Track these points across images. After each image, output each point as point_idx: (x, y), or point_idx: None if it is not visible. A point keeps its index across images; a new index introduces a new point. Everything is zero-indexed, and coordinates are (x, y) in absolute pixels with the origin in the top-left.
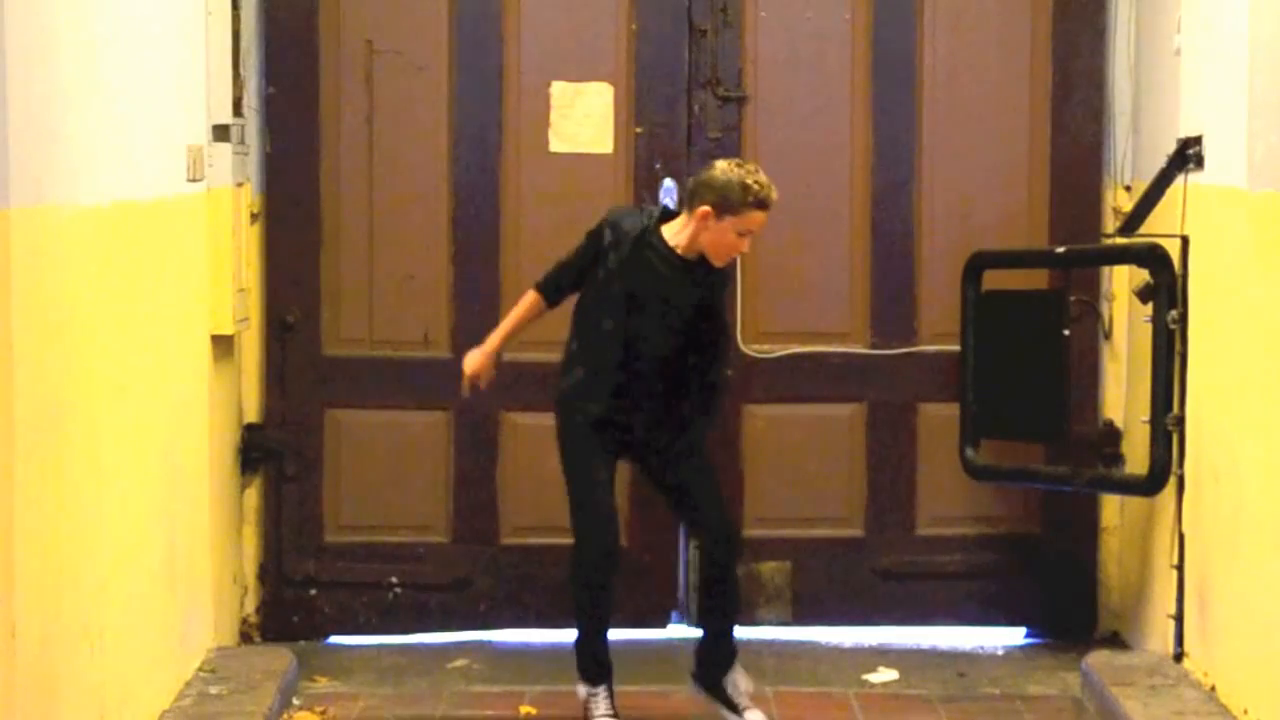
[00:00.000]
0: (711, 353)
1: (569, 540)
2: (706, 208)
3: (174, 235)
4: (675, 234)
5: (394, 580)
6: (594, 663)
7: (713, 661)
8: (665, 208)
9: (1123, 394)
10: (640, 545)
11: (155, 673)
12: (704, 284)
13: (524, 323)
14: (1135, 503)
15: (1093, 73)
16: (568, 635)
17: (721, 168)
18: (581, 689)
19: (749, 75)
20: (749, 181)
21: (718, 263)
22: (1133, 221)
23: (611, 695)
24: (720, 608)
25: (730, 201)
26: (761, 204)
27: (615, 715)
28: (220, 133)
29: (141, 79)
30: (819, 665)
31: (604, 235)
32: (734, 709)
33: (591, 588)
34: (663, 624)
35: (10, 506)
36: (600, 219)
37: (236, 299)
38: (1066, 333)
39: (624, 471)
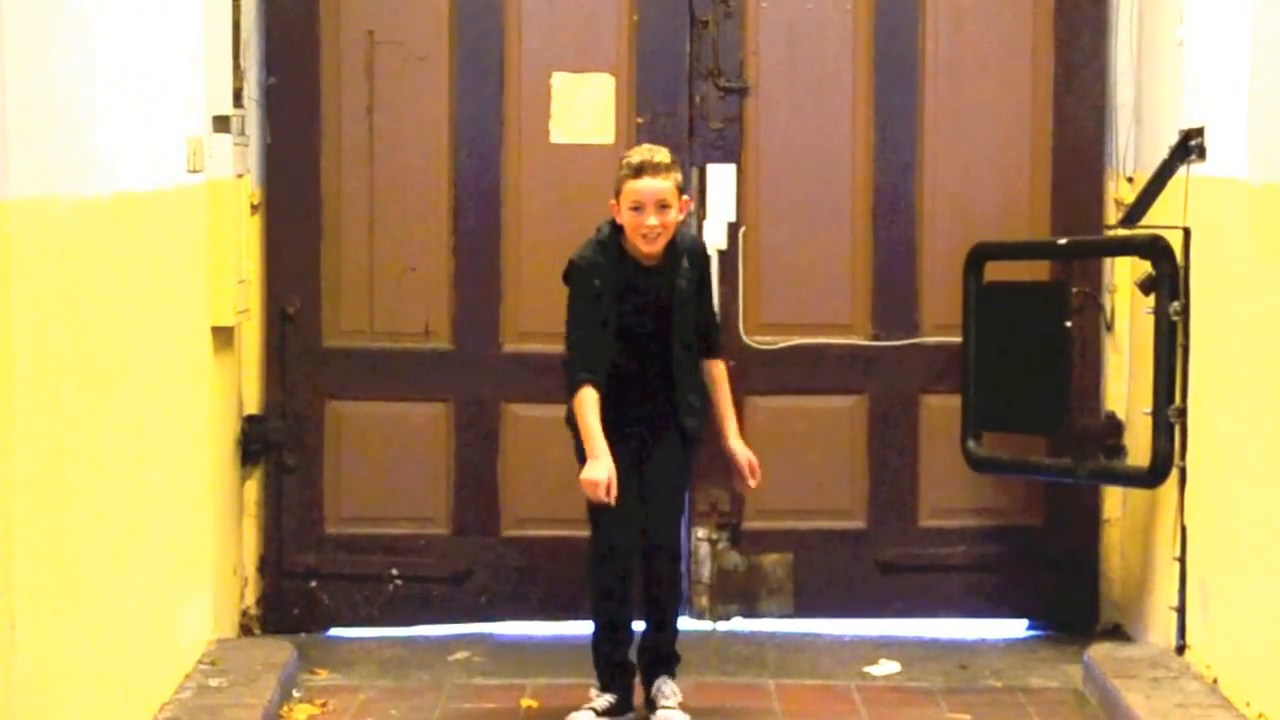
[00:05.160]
0: (704, 345)
1: (570, 532)
2: (612, 200)
3: (174, 226)
4: (627, 242)
5: (395, 572)
6: (605, 664)
7: (647, 661)
8: (614, 222)
9: (1125, 386)
10: None
11: (155, 665)
12: (674, 278)
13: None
14: (1137, 495)
15: (1095, 63)
16: (569, 628)
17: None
18: (592, 691)
19: (750, 66)
20: (625, 156)
21: (644, 248)
22: (1135, 213)
23: (619, 705)
24: (656, 612)
25: (616, 183)
26: (635, 172)
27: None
28: (220, 124)
29: (141, 69)
30: (820, 657)
31: (594, 283)
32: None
33: (603, 584)
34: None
35: (10, 498)
36: (580, 272)
37: (236, 290)
38: (1068, 324)
39: None
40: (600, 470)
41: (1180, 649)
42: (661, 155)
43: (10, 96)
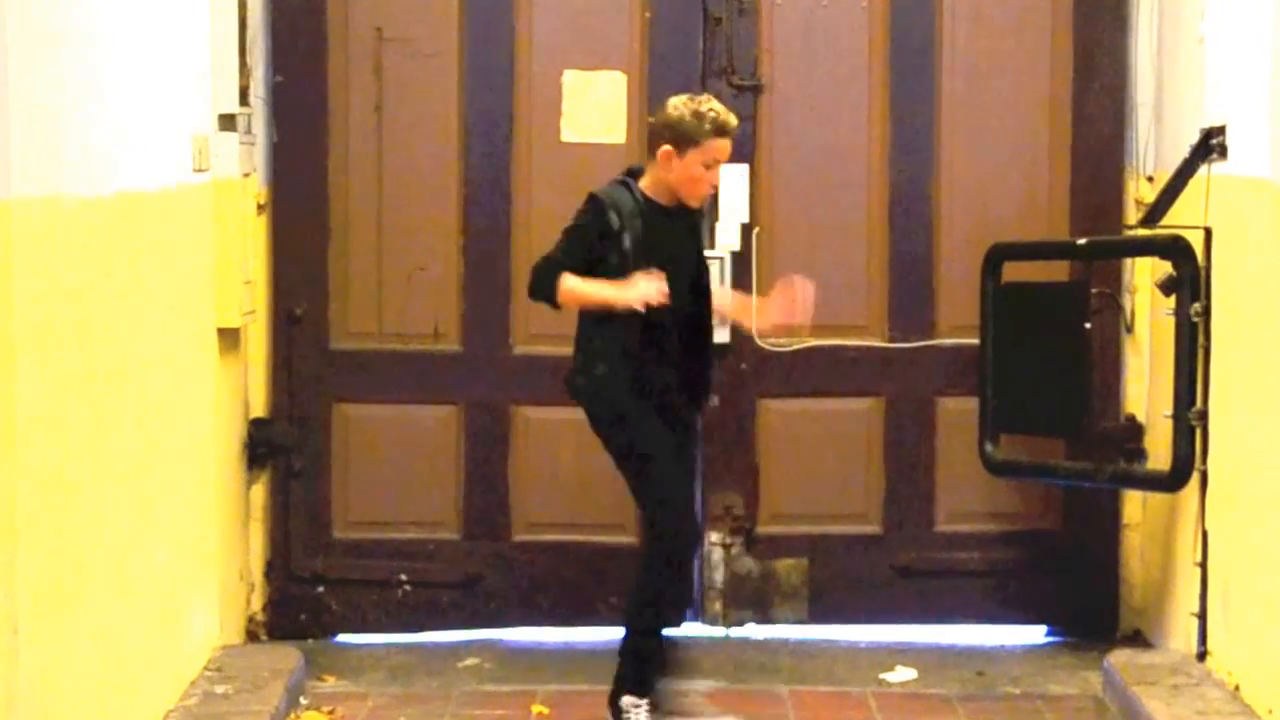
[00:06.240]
0: (705, 303)
1: (583, 537)
2: (667, 147)
3: (179, 226)
4: (650, 186)
5: (403, 577)
6: (651, 668)
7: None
8: (631, 167)
9: (1145, 388)
10: None
11: (160, 671)
12: (692, 227)
13: None
14: (1157, 499)
15: (1115, 61)
16: (581, 634)
17: (673, 104)
18: (626, 700)
19: (764, 64)
20: (703, 109)
21: (694, 202)
22: (1155, 212)
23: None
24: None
25: (689, 135)
26: (721, 130)
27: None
28: (226, 122)
29: (146, 67)
30: (836, 664)
31: (610, 219)
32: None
33: (667, 584)
34: (676, 622)
35: (13, 502)
36: (595, 205)
37: (243, 291)
38: (1088, 325)
39: None
40: (637, 284)
41: (1201, 655)
42: (728, 111)
43: (14, 94)
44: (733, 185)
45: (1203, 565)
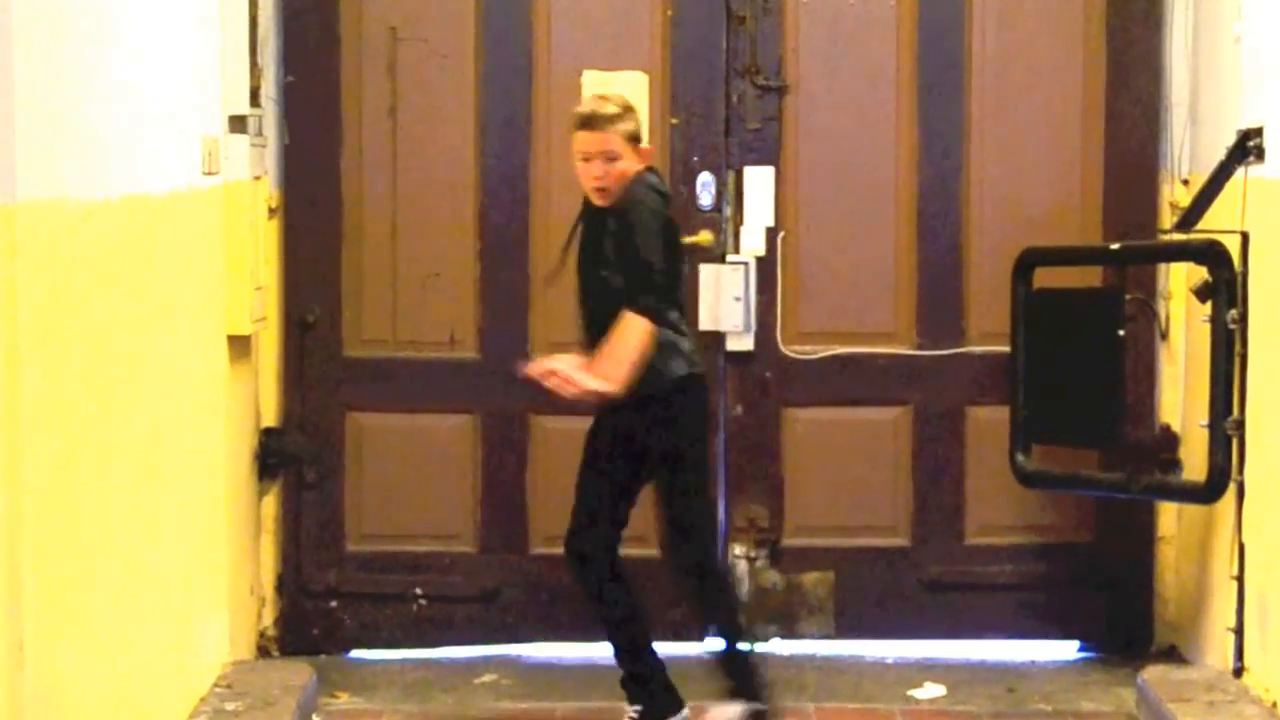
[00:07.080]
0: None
1: None
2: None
3: (188, 230)
4: None
5: (419, 591)
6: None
7: None
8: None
9: (1180, 397)
10: None
11: (169, 688)
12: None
13: None
14: (1193, 511)
15: (1149, 61)
16: (600, 650)
17: None
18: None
19: (790, 64)
20: (581, 104)
21: (593, 199)
22: (1190, 217)
23: None
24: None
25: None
26: (583, 123)
27: None
28: (237, 124)
29: (154, 67)
30: (863, 680)
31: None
32: None
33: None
34: (700, 638)
35: (18, 515)
36: (659, 203)
37: (254, 297)
38: (1121, 333)
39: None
40: None
41: (1238, 671)
42: (604, 102)
43: (20, 95)
44: (757, 188)
45: (1239, 579)
